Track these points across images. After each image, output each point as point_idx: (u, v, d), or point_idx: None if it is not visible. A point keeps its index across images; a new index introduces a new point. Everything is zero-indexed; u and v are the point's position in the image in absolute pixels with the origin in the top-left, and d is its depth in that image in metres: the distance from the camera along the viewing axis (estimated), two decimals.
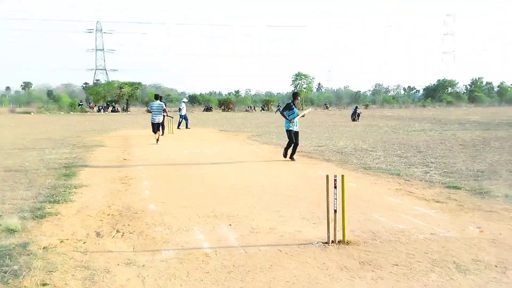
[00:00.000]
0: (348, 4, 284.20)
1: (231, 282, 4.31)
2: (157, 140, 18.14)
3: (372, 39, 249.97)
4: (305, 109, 13.59)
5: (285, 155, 12.81)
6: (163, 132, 19.68)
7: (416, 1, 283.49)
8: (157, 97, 19.84)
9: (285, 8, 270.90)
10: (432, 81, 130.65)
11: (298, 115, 12.72)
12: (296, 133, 12.63)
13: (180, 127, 28.09)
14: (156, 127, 18.39)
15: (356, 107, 42.37)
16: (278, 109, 73.54)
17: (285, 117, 12.62)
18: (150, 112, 18.48)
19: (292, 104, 12.71)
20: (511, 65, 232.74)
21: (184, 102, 30.87)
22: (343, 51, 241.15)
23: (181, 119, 28.40)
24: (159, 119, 18.49)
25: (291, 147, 12.67)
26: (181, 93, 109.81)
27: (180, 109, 28.99)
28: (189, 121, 28.94)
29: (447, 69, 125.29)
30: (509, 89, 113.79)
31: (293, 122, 12.46)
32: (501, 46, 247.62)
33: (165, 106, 21.00)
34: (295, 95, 13.31)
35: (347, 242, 5.36)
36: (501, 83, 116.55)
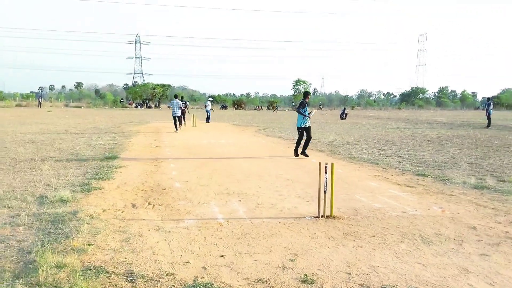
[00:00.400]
0: (338, 23, 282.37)
1: (239, 246, 4.33)
2: (176, 130, 19.07)
3: (358, 53, 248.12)
4: (312, 110, 13.24)
5: (296, 154, 11.22)
6: (180, 124, 20.19)
7: (395, 22, 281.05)
8: (176, 96, 21.35)
9: (287, 25, 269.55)
10: (407, 88, 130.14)
11: (310, 112, 11.51)
12: (309, 128, 11.23)
13: (208, 121, 28.03)
14: (174, 119, 19.32)
15: (344, 108, 42.25)
16: (294, 107, 73.71)
17: (302, 114, 11.20)
18: (170, 108, 19.40)
19: (304, 102, 11.51)
20: (472, 77, 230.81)
21: (210, 101, 31.14)
22: (334, 62, 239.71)
23: (208, 114, 28.50)
24: (176, 113, 19.35)
25: (302, 144, 11.26)
26: (203, 93, 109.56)
27: (205, 106, 29.59)
28: (209, 117, 28.93)
29: (419, 79, 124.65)
30: (469, 96, 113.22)
31: (308, 118, 11.16)
32: (465, 61, 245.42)
33: (185, 104, 22.32)
34: (306, 94, 11.74)
35: (334, 217, 5.36)
36: (463, 91, 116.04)
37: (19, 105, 58.24)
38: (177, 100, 20.01)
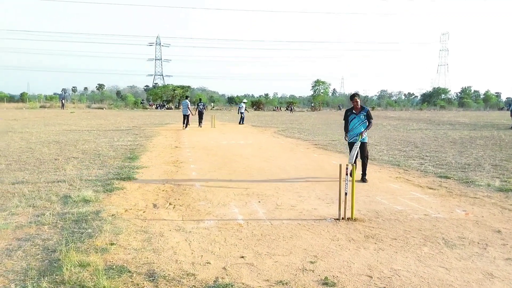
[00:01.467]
0: (360, 25, 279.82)
1: (259, 247, 4.33)
2: (184, 127, 21.09)
3: (379, 53, 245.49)
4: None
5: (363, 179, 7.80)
6: (187, 123, 22.08)
7: (416, 21, 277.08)
8: (187, 97, 23.11)
9: (307, 25, 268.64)
10: (428, 88, 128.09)
11: (360, 130, 7.86)
12: (362, 144, 7.82)
13: (242, 122, 27.50)
14: (183, 117, 21.54)
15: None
16: (339, 109, 73.26)
17: (345, 130, 8.09)
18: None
19: (351, 110, 8.10)
20: (495, 77, 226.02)
21: (244, 102, 30.84)
22: (354, 62, 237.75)
23: (241, 114, 28.02)
24: (185, 112, 21.67)
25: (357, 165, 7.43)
26: (222, 95, 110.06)
27: (239, 108, 29.23)
28: (244, 118, 28.37)
29: (441, 79, 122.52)
30: (493, 96, 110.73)
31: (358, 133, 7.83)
32: (488, 61, 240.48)
33: (203, 105, 24.98)
34: (353, 96, 8.20)
35: (354, 219, 5.32)
36: (487, 92, 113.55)
37: (43, 106, 59.49)
38: (186, 100, 22.11)
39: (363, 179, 7.79)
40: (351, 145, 7.88)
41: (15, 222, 4.95)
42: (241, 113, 28.33)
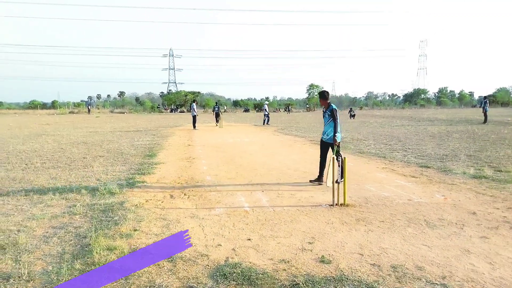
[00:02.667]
0: (349, 35, 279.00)
1: (263, 230, 4.34)
2: (194, 128, 22.02)
3: (366, 58, 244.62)
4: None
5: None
6: (195, 123, 22.73)
7: (398, 31, 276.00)
8: (194, 100, 26.02)
9: (302, 35, 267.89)
10: (409, 89, 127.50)
11: (327, 129, 6.88)
12: (331, 145, 6.68)
13: (267, 123, 25.71)
14: (193, 118, 22.57)
15: (351, 109, 40.76)
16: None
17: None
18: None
19: (323, 109, 6.95)
20: (468, 78, 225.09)
21: (266, 104, 30.09)
22: (344, 68, 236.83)
23: (265, 117, 26.49)
24: (194, 113, 22.73)
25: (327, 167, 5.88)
26: (228, 99, 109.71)
27: (264, 110, 27.99)
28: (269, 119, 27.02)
29: (421, 81, 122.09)
30: (466, 95, 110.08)
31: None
32: (462, 63, 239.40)
33: (218, 108, 26.47)
34: (319, 95, 6.94)
35: (346, 205, 5.32)
36: (461, 91, 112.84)
37: (71, 112, 59.60)
38: (193, 104, 23.86)
39: (319, 179, 6.60)
40: (321, 143, 6.94)
41: (51, 213, 4.98)
42: (265, 114, 26.11)
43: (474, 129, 19.16)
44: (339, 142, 6.53)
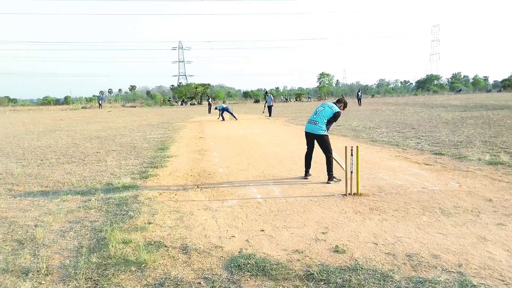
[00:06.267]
0: (360, 22, 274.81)
1: (276, 221, 4.35)
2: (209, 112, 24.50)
3: (377, 45, 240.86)
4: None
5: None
6: (210, 110, 25.60)
7: (410, 15, 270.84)
8: (209, 97, 29.32)
9: (312, 24, 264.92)
10: (422, 75, 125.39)
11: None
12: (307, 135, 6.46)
13: (270, 115, 24.06)
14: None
15: (359, 90, 40.58)
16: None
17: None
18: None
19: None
20: (483, 63, 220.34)
21: (269, 94, 28.58)
22: (355, 55, 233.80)
23: (266, 108, 24.80)
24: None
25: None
26: (238, 90, 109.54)
27: (268, 100, 25.59)
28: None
29: (433, 67, 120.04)
30: (481, 80, 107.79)
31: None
32: (476, 48, 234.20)
33: (211, 100, 29.87)
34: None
35: (360, 194, 5.29)
36: (475, 76, 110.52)
37: (84, 107, 60.18)
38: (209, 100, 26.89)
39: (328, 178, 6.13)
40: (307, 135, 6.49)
41: (66, 208, 5.06)
42: (269, 106, 24.52)
43: (489, 114, 18.79)
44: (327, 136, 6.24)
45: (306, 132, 6.44)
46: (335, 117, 6.21)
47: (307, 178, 6.44)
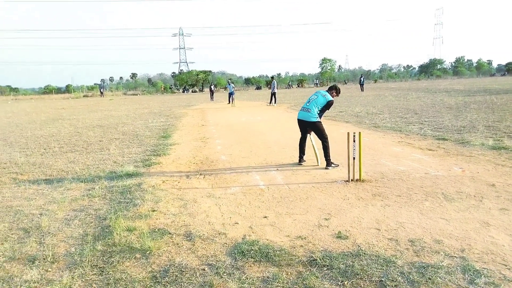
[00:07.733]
0: (361, 6, 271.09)
1: (279, 208, 4.36)
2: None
3: (380, 30, 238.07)
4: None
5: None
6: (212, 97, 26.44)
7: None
8: (211, 83, 30.24)
9: (314, 11, 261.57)
10: (425, 60, 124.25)
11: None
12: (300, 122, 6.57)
13: (275, 102, 23.28)
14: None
15: (361, 75, 40.43)
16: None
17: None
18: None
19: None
20: (486, 47, 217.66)
21: (275, 81, 27.11)
22: (357, 40, 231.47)
23: (272, 95, 23.92)
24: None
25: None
26: (240, 76, 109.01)
27: (273, 87, 24.70)
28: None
29: (436, 51, 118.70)
30: (485, 64, 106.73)
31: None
32: (479, 32, 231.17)
33: (213, 87, 30.45)
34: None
35: (362, 180, 5.29)
36: (479, 60, 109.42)
37: (86, 96, 60.13)
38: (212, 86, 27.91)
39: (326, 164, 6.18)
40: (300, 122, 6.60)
41: (71, 196, 5.10)
42: (273, 93, 23.66)
43: (492, 98, 18.66)
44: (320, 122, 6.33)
45: (298, 120, 6.55)
46: (328, 105, 6.34)
47: (301, 164, 6.52)
